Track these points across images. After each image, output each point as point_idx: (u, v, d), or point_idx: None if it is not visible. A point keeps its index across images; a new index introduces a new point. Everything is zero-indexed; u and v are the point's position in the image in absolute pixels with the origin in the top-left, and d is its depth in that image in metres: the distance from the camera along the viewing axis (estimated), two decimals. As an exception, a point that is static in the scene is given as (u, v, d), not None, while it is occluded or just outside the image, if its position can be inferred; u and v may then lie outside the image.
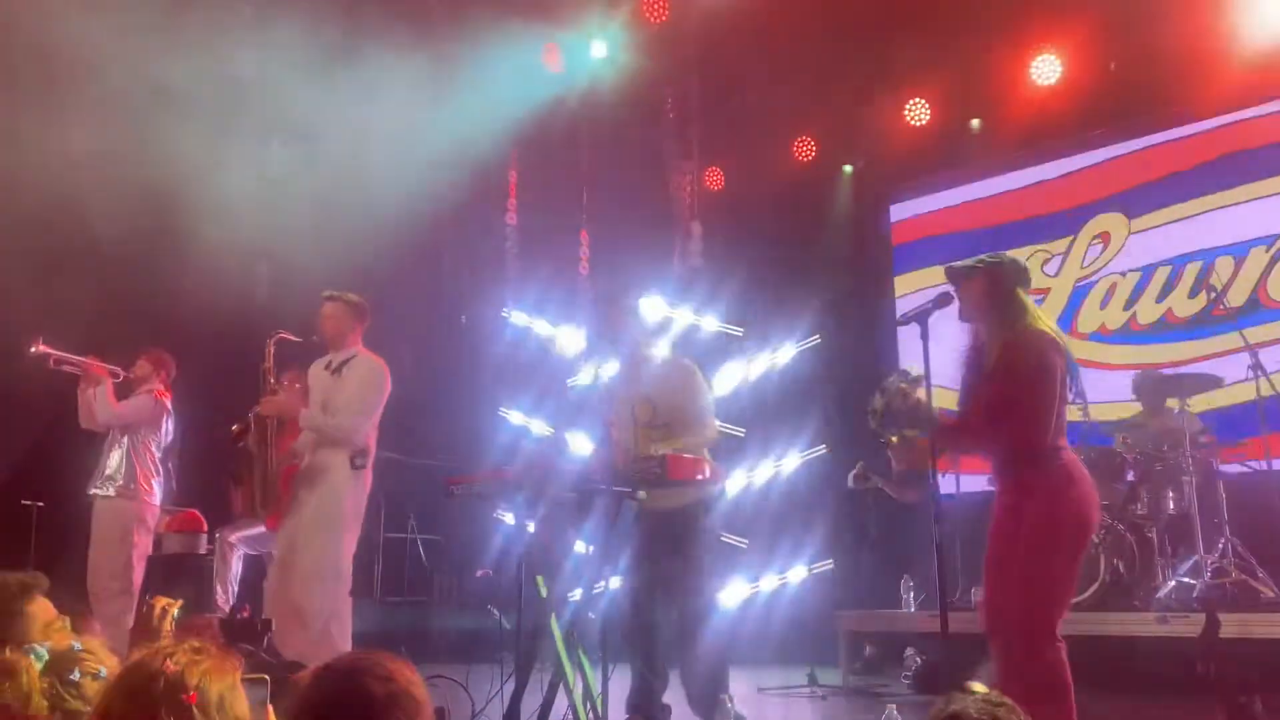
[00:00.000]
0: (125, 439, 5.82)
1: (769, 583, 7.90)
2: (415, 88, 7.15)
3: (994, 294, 3.36)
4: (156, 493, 5.90)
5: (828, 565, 7.44)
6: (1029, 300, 3.42)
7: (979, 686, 1.86)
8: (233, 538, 5.22)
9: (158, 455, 5.94)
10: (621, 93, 8.24)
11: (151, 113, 6.75)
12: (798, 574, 7.78)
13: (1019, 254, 7.73)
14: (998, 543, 3.35)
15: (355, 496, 4.92)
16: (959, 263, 3.48)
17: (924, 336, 3.31)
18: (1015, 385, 3.25)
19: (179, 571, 5.35)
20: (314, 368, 5.13)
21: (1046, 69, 7.62)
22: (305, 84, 6.98)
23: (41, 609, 2.72)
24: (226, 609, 5.12)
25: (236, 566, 5.22)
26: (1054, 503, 3.21)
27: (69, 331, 5.94)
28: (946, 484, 6.49)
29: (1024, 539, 3.21)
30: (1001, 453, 3.40)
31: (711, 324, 8.54)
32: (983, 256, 3.46)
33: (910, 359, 4.62)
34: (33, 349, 5.67)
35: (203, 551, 5.68)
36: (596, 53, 8.34)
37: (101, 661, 2.28)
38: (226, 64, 6.89)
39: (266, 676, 2.17)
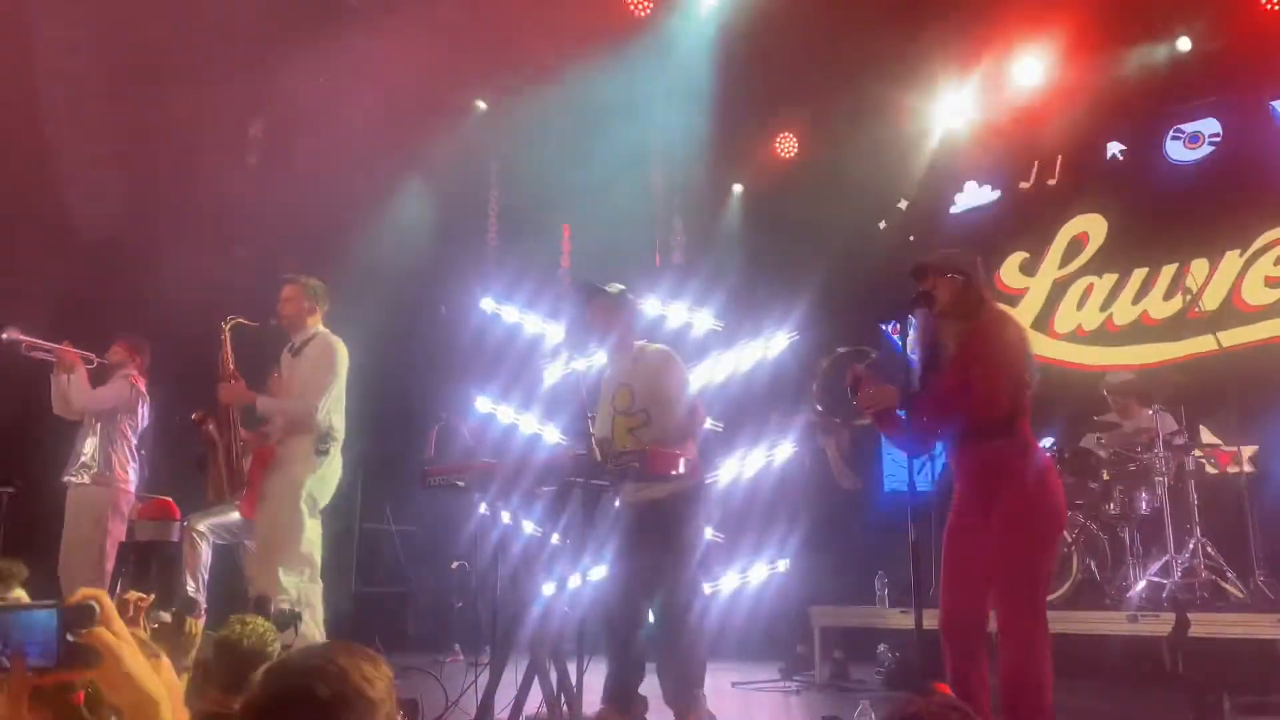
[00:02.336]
0: (100, 425, 5.74)
1: (744, 577, 7.90)
2: (398, 76, 7.09)
3: (966, 293, 3.37)
4: (132, 480, 5.83)
5: (802, 560, 7.43)
6: (992, 296, 3.47)
7: (943, 687, 1.87)
8: (201, 525, 5.14)
9: (134, 441, 5.87)
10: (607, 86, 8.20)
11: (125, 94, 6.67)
12: (773, 569, 7.79)
13: (999, 254, 7.91)
14: (961, 538, 3.29)
15: (318, 482, 4.90)
16: (928, 259, 3.45)
17: (904, 334, 3.30)
18: (974, 361, 3.25)
19: (151, 559, 5.26)
20: (283, 355, 5.18)
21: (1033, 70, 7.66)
22: (284, 65, 6.91)
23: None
24: (200, 599, 5.04)
25: (206, 555, 5.14)
26: (1034, 497, 3.20)
27: (39, 317, 5.86)
28: (922, 477, 6.50)
29: (1004, 535, 3.18)
30: (961, 431, 3.35)
31: (691, 318, 8.52)
32: (950, 255, 3.45)
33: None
34: (4, 336, 5.58)
35: (175, 539, 5.60)
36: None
37: None
38: (203, 44, 6.80)
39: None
